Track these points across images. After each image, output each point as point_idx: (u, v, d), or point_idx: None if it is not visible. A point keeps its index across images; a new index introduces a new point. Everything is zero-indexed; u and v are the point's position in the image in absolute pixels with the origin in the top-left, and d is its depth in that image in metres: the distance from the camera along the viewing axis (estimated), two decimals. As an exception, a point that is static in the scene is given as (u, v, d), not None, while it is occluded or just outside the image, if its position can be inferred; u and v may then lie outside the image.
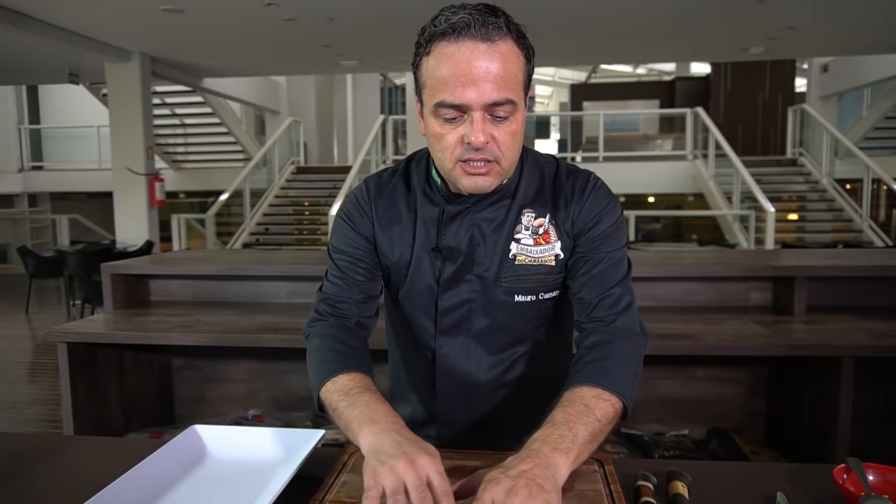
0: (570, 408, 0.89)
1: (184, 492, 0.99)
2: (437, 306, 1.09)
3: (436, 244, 1.07)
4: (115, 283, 2.56)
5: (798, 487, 1.00)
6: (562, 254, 1.06)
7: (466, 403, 1.15)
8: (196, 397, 2.74)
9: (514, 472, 0.77)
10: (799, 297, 2.29)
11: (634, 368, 1.00)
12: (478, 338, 1.11)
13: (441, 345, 1.12)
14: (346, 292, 1.12)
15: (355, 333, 1.11)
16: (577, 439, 0.85)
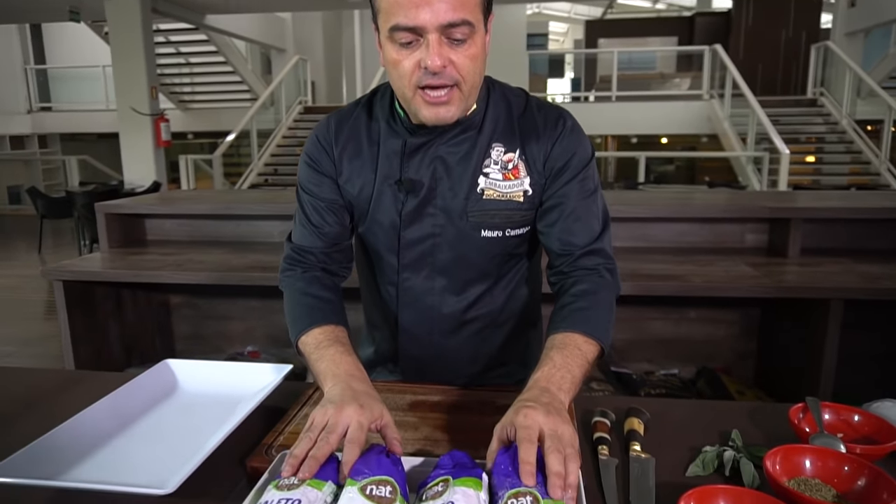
0: (566, 350, 0.93)
1: (152, 421, 1.01)
2: (399, 240, 1.08)
3: (398, 177, 1.05)
4: (109, 222, 2.58)
5: (756, 426, 1.01)
6: (530, 190, 1.05)
7: (429, 339, 1.16)
8: (194, 334, 2.80)
9: (542, 405, 0.79)
10: (794, 239, 2.25)
11: (612, 317, 1.03)
12: (442, 272, 1.10)
13: (405, 278, 1.12)
14: (313, 241, 1.11)
15: (325, 282, 1.10)
16: (575, 380, 0.89)
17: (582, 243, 1.05)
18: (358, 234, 1.16)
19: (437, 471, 0.73)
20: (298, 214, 1.13)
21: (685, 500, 0.72)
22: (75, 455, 0.88)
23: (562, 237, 1.05)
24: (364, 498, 0.67)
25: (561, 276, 1.07)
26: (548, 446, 0.72)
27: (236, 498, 0.82)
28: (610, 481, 0.84)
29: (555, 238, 1.05)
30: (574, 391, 0.89)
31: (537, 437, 0.74)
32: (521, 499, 0.66)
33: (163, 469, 0.86)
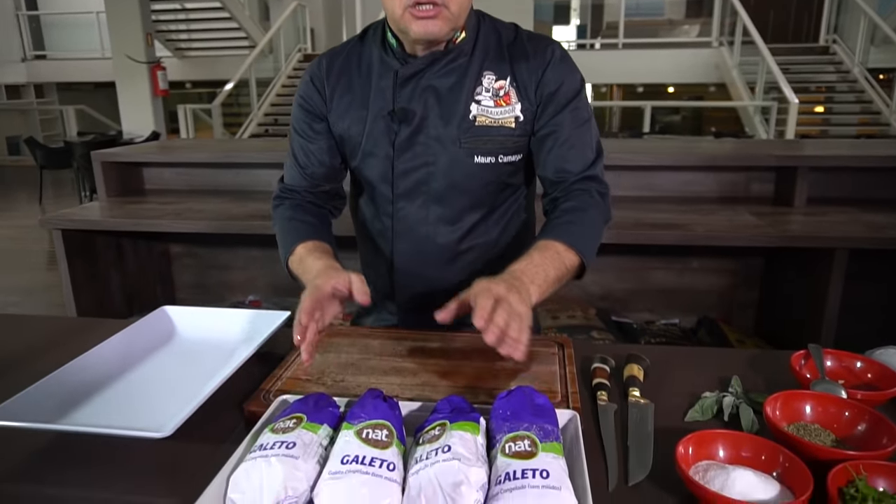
0: (545, 252, 0.96)
1: (151, 367, 1.01)
2: (393, 170, 1.09)
3: (391, 108, 1.05)
4: (106, 171, 2.55)
5: (756, 372, 1.00)
6: (522, 116, 1.05)
7: (425, 272, 1.16)
8: (196, 284, 2.80)
9: (506, 282, 0.84)
10: (800, 188, 2.22)
11: (598, 239, 1.05)
12: (437, 201, 1.10)
13: (399, 208, 1.12)
14: (299, 180, 1.15)
15: (310, 210, 1.14)
16: (548, 278, 0.92)
17: (576, 170, 1.06)
18: (352, 171, 1.16)
19: (434, 415, 0.73)
20: (289, 155, 1.17)
21: (684, 444, 0.72)
22: (74, 399, 0.88)
23: (556, 164, 1.06)
24: (360, 441, 0.66)
25: (554, 202, 1.08)
26: (498, 309, 0.78)
27: (235, 441, 0.82)
28: (608, 426, 0.83)
29: (549, 166, 1.07)
30: (545, 288, 0.91)
31: (493, 296, 0.80)
32: (520, 442, 0.66)
33: (161, 413, 0.86)
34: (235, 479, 0.65)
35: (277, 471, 0.64)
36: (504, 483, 0.62)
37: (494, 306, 0.79)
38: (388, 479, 0.63)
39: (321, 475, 0.65)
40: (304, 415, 0.71)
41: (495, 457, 0.67)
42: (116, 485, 0.75)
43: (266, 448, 0.67)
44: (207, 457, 0.79)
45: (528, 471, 0.62)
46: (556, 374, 0.94)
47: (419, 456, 0.66)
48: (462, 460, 0.63)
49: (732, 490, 0.66)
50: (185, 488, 0.73)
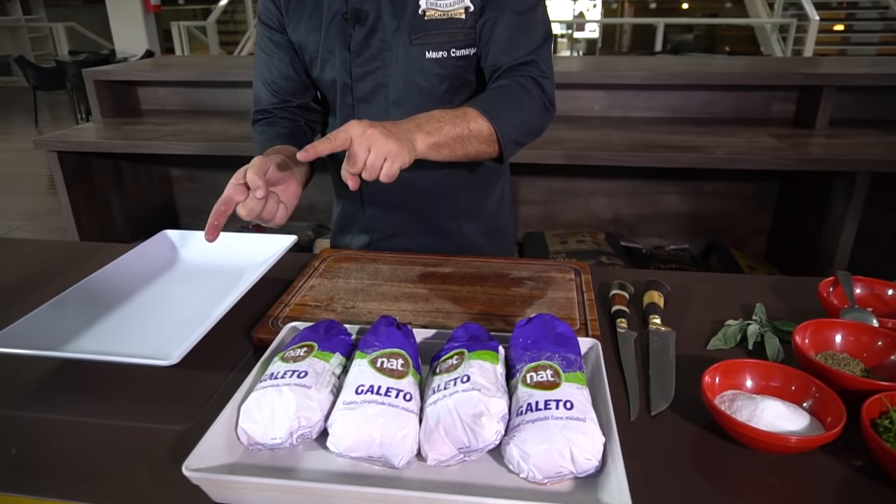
0: (450, 112, 0.92)
1: (153, 292, 0.98)
2: (351, 74, 1.07)
3: (345, 9, 1.03)
4: (100, 90, 2.44)
5: (780, 299, 0.97)
6: (471, 6, 1.02)
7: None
8: (198, 208, 2.76)
9: (390, 127, 0.82)
10: (824, 108, 2.12)
11: (522, 119, 0.99)
12: (396, 103, 1.08)
13: (360, 111, 1.10)
14: (269, 97, 1.14)
15: (284, 124, 1.13)
16: (442, 130, 0.88)
17: (516, 55, 1.01)
18: (315, 84, 1.15)
19: (450, 343, 0.69)
20: (255, 74, 1.16)
21: (710, 373, 0.69)
22: (76, 326, 0.85)
23: (496, 52, 1.02)
24: (375, 371, 0.64)
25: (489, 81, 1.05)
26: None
27: (243, 369, 0.81)
28: (629, 354, 0.81)
29: (490, 56, 1.03)
30: (439, 138, 0.87)
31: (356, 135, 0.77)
32: (542, 372, 0.63)
33: (167, 340, 0.84)
34: (246, 408, 0.62)
35: (290, 400, 0.61)
36: (526, 414, 0.60)
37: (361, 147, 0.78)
38: (405, 409, 0.61)
39: (335, 405, 0.62)
40: (315, 343, 0.68)
41: (516, 387, 0.64)
42: (122, 412, 0.73)
43: (277, 377, 0.64)
44: (215, 385, 0.77)
45: (552, 402, 0.60)
46: (574, 301, 0.91)
47: (437, 386, 0.63)
48: (482, 391, 0.60)
49: (761, 421, 0.63)
50: (193, 416, 0.72)
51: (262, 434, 0.61)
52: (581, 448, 0.57)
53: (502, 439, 0.60)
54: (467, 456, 0.60)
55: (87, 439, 0.69)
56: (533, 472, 0.57)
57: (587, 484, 0.59)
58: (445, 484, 0.59)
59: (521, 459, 0.58)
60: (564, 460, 0.57)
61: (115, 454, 0.66)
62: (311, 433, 0.62)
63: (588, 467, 0.58)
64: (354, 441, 0.59)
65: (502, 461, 0.61)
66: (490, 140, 0.94)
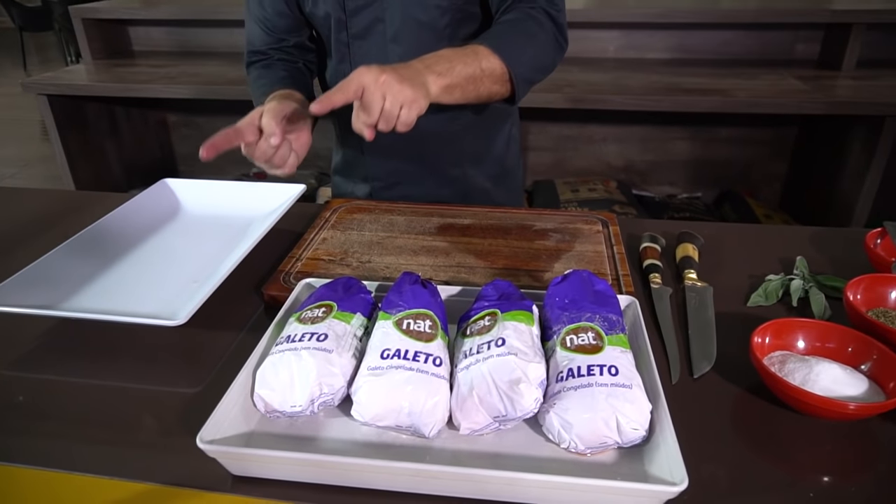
0: (459, 51, 0.85)
1: (154, 246, 0.93)
2: (345, 9, 0.99)
3: None
4: (89, 30, 2.32)
5: (820, 252, 0.91)
6: None
7: None
8: (196, 155, 2.66)
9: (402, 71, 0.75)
10: (852, 48, 2.01)
11: (535, 56, 0.92)
12: (395, 39, 1.00)
13: (356, 49, 1.02)
14: (266, 38, 1.07)
15: (281, 66, 1.07)
16: (454, 71, 0.81)
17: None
18: (308, 22, 1.07)
19: (480, 302, 0.64)
20: (246, 14, 1.09)
21: (759, 333, 0.64)
22: (73, 282, 0.80)
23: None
24: (401, 333, 0.59)
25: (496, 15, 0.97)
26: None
27: (253, 329, 0.76)
28: (665, 312, 0.76)
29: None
30: (452, 79, 0.81)
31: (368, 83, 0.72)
32: (582, 334, 0.58)
33: (172, 298, 0.79)
34: (263, 374, 0.58)
35: (310, 366, 0.56)
36: (567, 380, 0.55)
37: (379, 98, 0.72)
38: (435, 375, 0.56)
39: (358, 371, 0.57)
40: (334, 303, 0.63)
41: (553, 350, 0.59)
42: (126, 373, 0.69)
43: (294, 340, 0.59)
44: (225, 345, 0.73)
45: (595, 367, 0.55)
46: (604, 255, 0.85)
47: (468, 349, 0.58)
48: (519, 355, 0.55)
49: (816, 385, 0.59)
50: (203, 378, 0.67)
51: (280, 401, 0.57)
52: (628, 417, 0.53)
53: (541, 407, 0.55)
54: (502, 425, 0.56)
55: (91, 402, 0.65)
56: (575, 442, 0.53)
57: (632, 454, 0.55)
58: (479, 454, 0.55)
59: (563, 429, 0.54)
60: (610, 430, 0.53)
61: (120, 418, 0.62)
62: (333, 400, 0.57)
63: (634, 437, 0.53)
64: (382, 409, 0.55)
65: (538, 429, 0.57)
66: (503, 79, 0.88)
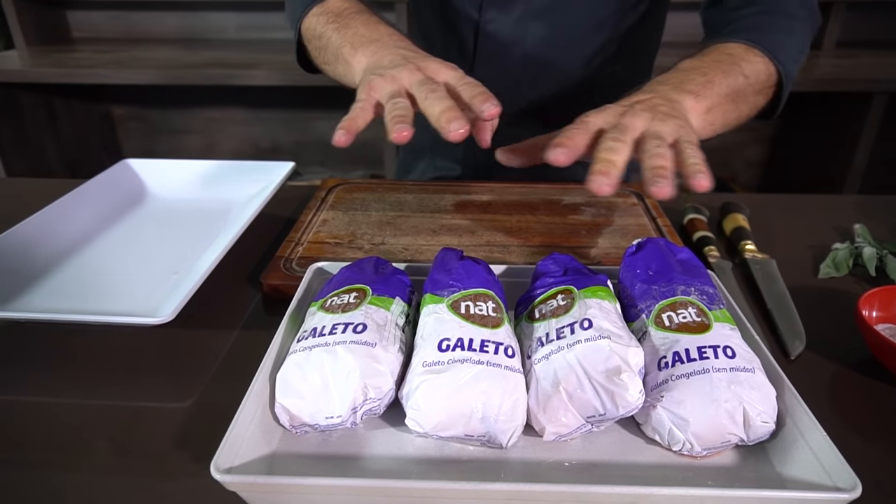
0: (706, 57, 0.64)
1: (118, 234, 0.78)
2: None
3: None
4: (21, 13, 2.10)
5: (874, 220, 0.84)
6: None
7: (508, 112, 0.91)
8: (147, 150, 2.47)
9: (641, 96, 0.57)
10: (832, 28, 1.99)
11: (800, 45, 0.71)
12: (539, 15, 0.81)
13: (488, 20, 0.82)
14: None
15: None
16: (712, 85, 0.60)
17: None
18: None
19: (543, 279, 0.53)
20: None
21: (865, 304, 0.55)
22: (20, 280, 0.65)
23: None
24: (460, 318, 0.47)
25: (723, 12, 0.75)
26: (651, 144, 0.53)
27: (250, 325, 0.63)
28: (733, 287, 0.66)
29: None
30: (711, 98, 0.60)
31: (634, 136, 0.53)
32: (682, 311, 0.47)
33: (146, 294, 0.65)
34: (285, 379, 0.45)
35: (350, 365, 0.44)
36: (675, 366, 0.44)
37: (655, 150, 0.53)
38: (510, 368, 0.44)
39: (410, 368, 0.45)
40: (367, 286, 0.51)
41: (644, 332, 0.48)
42: (103, 387, 0.54)
43: (324, 333, 0.46)
44: (217, 347, 0.59)
45: (707, 349, 0.45)
46: (649, 228, 0.75)
47: (544, 335, 0.47)
48: (613, 338, 0.44)
49: (944, 361, 0.50)
50: (194, 389, 0.54)
51: (311, 412, 0.44)
52: (757, 407, 0.42)
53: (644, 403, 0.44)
54: (595, 426, 0.45)
55: (63, 426, 0.50)
56: (691, 442, 0.43)
57: (754, 455, 0.44)
58: (568, 466, 0.44)
59: (676, 427, 0.43)
60: (735, 425, 0.42)
61: (102, 443, 0.48)
62: (380, 407, 0.45)
63: (763, 432, 0.43)
64: (447, 416, 0.43)
65: (633, 429, 0.46)
66: (767, 85, 0.67)
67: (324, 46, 0.70)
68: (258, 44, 2.19)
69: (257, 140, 2.44)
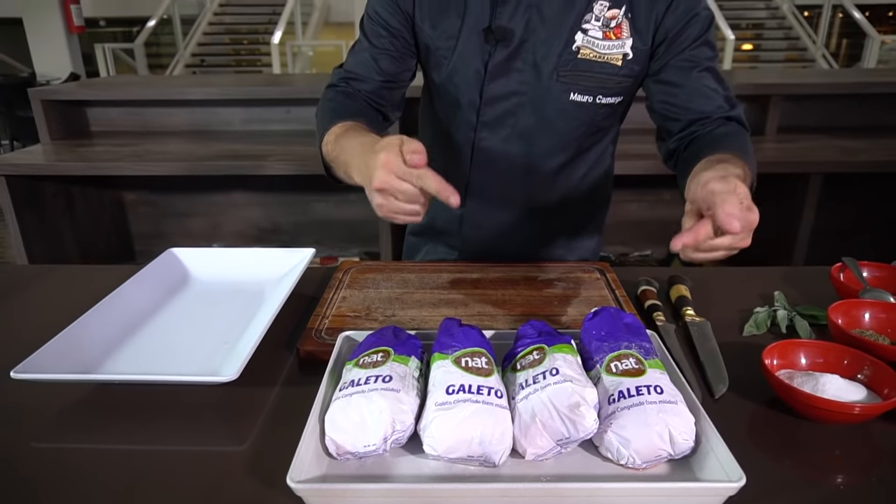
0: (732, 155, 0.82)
1: (172, 314, 0.93)
2: (482, 94, 0.98)
3: (488, 24, 0.93)
4: (47, 111, 2.32)
5: (793, 287, 1.02)
6: (630, 54, 0.94)
7: (497, 208, 1.09)
8: (154, 233, 2.64)
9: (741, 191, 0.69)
10: (772, 116, 2.27)
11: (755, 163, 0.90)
12: (523, 136, 1.01)
13: (482, 137, 1.02)
14: (368, 69, 1.01)
15: (365, 105, 1.01)
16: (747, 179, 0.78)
17: (714, 109, 0.95)
18: (435, 83, 1.04)
19: (523, 340, 0.70)
20: (359, 43, 1.02)
21: (768, 354, 0.72)
22: (101, 350, 0.80)
23: (689, 104, 0.95)
24: (461, 370, 0.63)
25: (690, 136, 0.96)
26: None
27: (288, 382, 0.78)
28: (674, 345, 0.83)
29: (678, 108, 0.95)
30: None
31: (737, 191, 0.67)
32: (625, 360, 0.64)
33: (205, 359, 0.80)
34: (332, 418, 0.61)
35: (381, 406, 0.60)
36: (619, 401, 0.61)
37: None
38: (499, 405, 0.60)
39: (425, 407, 0.61)
40: (390, 348, 0.67)
41: (598, 377, 0.65)
42: (169, 435, 0.69)
43: (360, 384, 0.62)
44: (263, 401, 0.74)
45: (643, 387, 0.61)
46: (609, 298, 0.93)
47: (523, 381, 0.63)
48: (574, 381, 0.61)
49: (824, 394, 0.67)
50: (246, 435, 0.68)
51: (352, 442, 0.59)
52: (678, 429, 0.58)
53: (598, 429, 0.60)
54: (563, 448, 0.60)
55: (138, 468, 0.64)
56: (633, 457, 0.58)
57: (682, 466, 0.60)
58: (545, 477, 0.59)
59: (621, 445, 0.59)
60: (664, 442, 0.58)
61: (172, 481, 0.62)
62: (403, 437, 0.61)
63: (685, 448, 0.59)
64: (454, 441, 0.58)
65: (593, 451, 0.62)
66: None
67: (338, 168, 0.89)
68: (261, 135, 2.41)
69: (258, 221, 2.63)
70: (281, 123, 2.49)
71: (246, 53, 9.41)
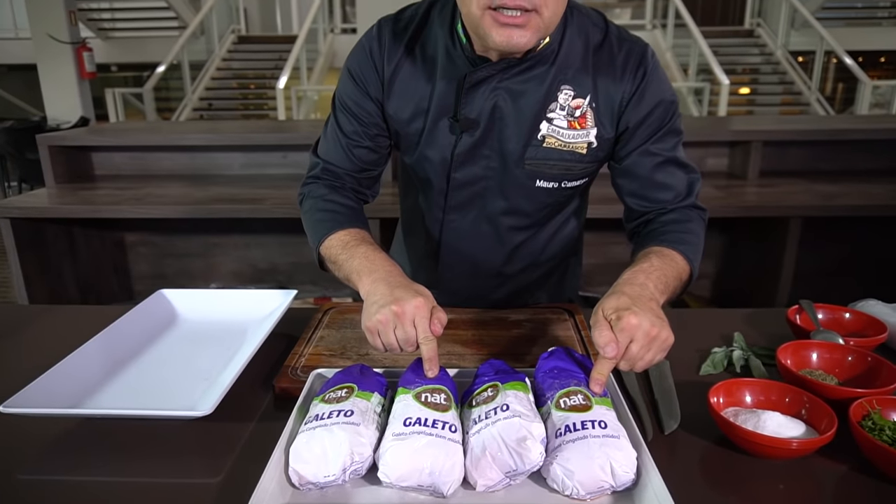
0: (665, 259, 0.88)
1: (158, 352, 0.98)
2: (449, 181, 1.00)
3: (454, 113, 0.94)
4: (53, 156, 2.41)
5: (753, 328, 1.07)
6: (595, 142, 0.94)
7: (468, 278, 1.13)
8: (154, 273, 2.70)
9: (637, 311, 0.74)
10: (754, 161, 2.34)
11: (701, 250, 0.97)
12: (490, 219, 1.04)
13: (450, 220, 1.05)
14: (344, 162, 1.02)
15: (348, 195, 1.03)
16: (668, 288, 0.85)
17: (670, 199, 0.98)
18: (406, 163, 1.07)
19: (481, 378, 0.74)
20: (331, 129, 1.02)
21: (714, 393, 0.76)
22: (88, 385, 0.85)
23: (649, 195, 0.98)
24: (420, 404, 0.67)
25: (646, 224, 1.01)
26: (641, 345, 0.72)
27: (264, 418, 0.82)
28: (632, 382, 0.87)
29: (639, 197, 0.99)
30: (667, 296, 0.85)
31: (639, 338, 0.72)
32: (573, 397, 0.69)
33: (185, 396, 0.85)
34: (296, 449, 0.65)
35: (341, 438, 0.64)
36: (565, 435, 0.65)
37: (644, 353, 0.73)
38: (451, 440, 0.65)
39: (383, 438, 0.65)
40: (354, 384, 0.72)
41: (549, 412, 0.69)
42: (149, 468, 0.73)
43: (323, 418, 0.67)
44: (238, 435, 0.78)
45: (587, 422, 0.65)
46: (574, 339, 0.97)
47: (477, 417, 0.68)
48: (522, 417, 0.65)
49: (765, 430, 0.71)
50: (221, 467, 0.72)
51: (314, 473, 0.63)
52: (620, 462, 0.62)
53: (544, 461, 0.64)
54: (513, 480, 0.64)
55: (118, 500, 0.68)
56: (577, 488, 0.62)
57: (624, 498, 0.64)
58: (494, 508, 0.63)
59: (566, 477, 0.63)
60: (605, 475, 0.62)
61: (158, 506, 0.66)
62: (362, 468, 0.65)
63: (626, 480, 0.63)
64: (406, 470, 0.62)
65: (543, 483, 0.66)
66: (683, 279, 0.91)
67: (338, 268, 0.94)
68: (259, 179, 2.50)
69: (255, 262, 2.69)
70: (278, 168, 2.58)
71: (253, 98, 9.65)
